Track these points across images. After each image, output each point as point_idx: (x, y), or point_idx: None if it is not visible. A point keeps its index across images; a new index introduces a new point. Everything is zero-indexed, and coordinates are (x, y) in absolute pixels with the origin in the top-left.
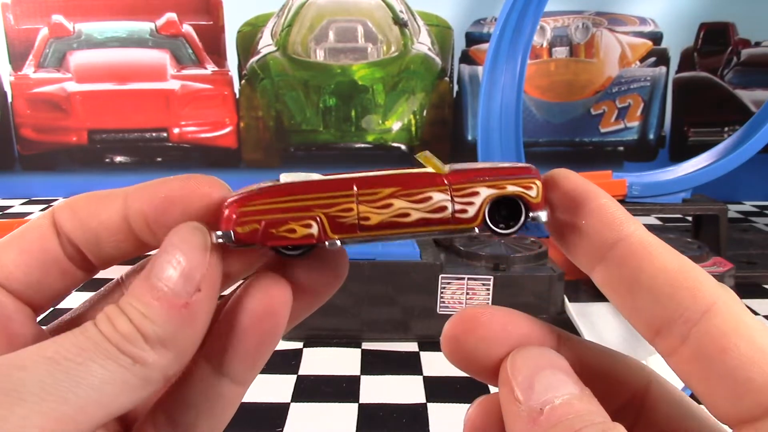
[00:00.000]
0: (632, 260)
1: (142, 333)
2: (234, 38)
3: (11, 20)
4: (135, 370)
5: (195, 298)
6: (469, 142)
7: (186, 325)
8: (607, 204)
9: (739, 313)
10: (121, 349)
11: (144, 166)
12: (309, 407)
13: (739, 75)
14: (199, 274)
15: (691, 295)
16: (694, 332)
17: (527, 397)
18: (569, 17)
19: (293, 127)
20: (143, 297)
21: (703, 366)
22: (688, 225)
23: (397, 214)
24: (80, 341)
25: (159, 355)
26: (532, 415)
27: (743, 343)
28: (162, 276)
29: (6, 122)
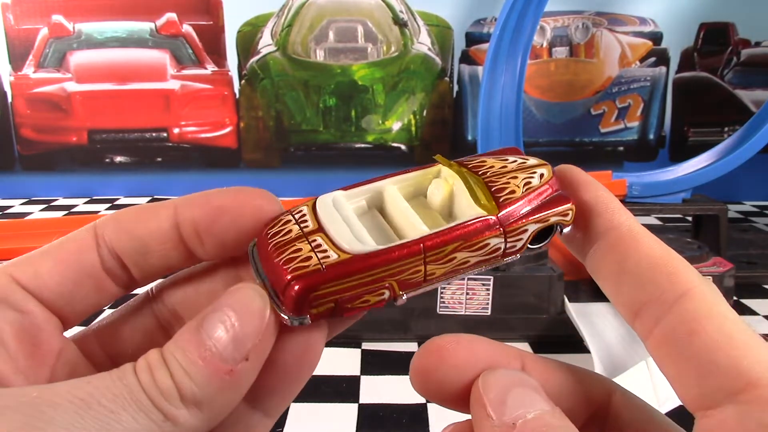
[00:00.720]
0: (620, 246)
1: (180, 391)
2: (234, 38)
3: (11, 20)
4: (165, 426)
5: (241, 366)
6: (469, 142)
7: (226, 391)
8: (603, 195)
9: (712, 299)
10: (156, 403)
11: (144, 166)
12: (309, 407)
13: (739, 75)
14: (250, 344)
15: (669, 279)
16: (667, 315)
17: (500, 413)
18: (569, 17)
19: (293, 127)
20: (189, 352)
21: (673, 348)
22: (688, 225)
23: (459, 263)
24: (116, 387)
25: (191, 415)
26: (504, 430)
27: (711, 327)
28: (212, 335)
29: (6, 122)
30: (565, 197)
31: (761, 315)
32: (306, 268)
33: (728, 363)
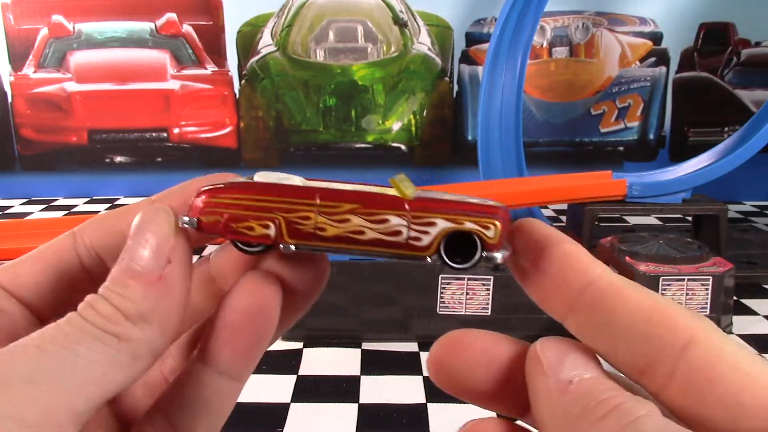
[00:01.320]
0: (604, 304)
1: (123, 312)
2: (234, 38)
3: (11, 20)
4: (121, 347)
5: (167, 270)
6: (469, 142)
7: (163, 297)
8: (571, 249)
9: (719, 341)
10: (105, 329)
11: (144, 166)
12: (309, 407)
13: (739, 75)
14: (167, 248)
15: (669, 330)
16: (679, 367)
17: (557, 371)
18: (569, 17)
19: (293, 127)
20: (119, 279)
21: (694, 399)
22: (688, 225)
23: (352, 230)
24: (64, 328)
25: (142, 330)
26: (561, 385)
27: (729, 370)
28: (134, 257)
29: (6, 122)
30: (496, 210)
31: (761, 315)
32: (214, 186)
33: (755, 403)
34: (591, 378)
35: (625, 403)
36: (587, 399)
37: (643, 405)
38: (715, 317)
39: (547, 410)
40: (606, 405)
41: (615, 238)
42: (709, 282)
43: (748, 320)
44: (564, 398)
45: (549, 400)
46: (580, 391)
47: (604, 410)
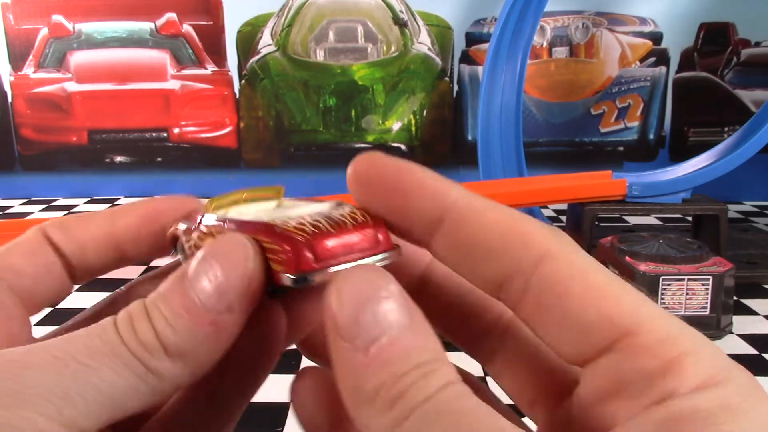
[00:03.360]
0: (462, 224)
1: (163, 343)
2: (234, 38)
3: (11, 20)
4: (147, 378)
5: (224, 317)
6: (469, 142)
7: (209, 341)
8: (422, 177)
9: (572, 255)
10: (138, 356)
11: (144, 166)
12: None
13: (739, 75)
14: (234, 293)
15: (523, 245)
16: (531, 281)
17: (354, 335)
18: (569, 17)
19: (293, 127)
20: (173, 303)
21: (544, 314)
22: (688, 225)
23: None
24: (94, 343)
25: (175, 367)
26: (357, 357)
27: (577, 285)
28: (196, 285)
29: (6, 122)
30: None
31: (761, 315)
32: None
33: (600, 318)
34: (390, 342)
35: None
36: (379, 379)
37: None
38: (714, 317)
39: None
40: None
41: (615, 238)
42: (709, 282)
43: (748, 320)
44: (359, 376)
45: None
46: (377, 365)
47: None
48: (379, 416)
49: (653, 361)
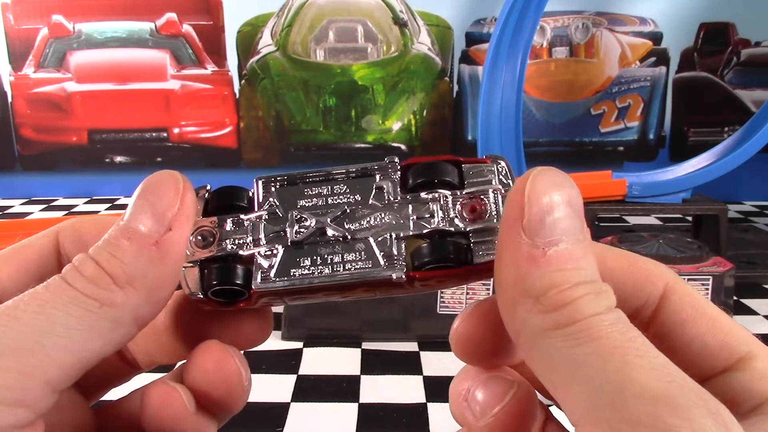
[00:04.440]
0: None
1: (110, 273)
2: (234, 38)
3: (11, 20)
4: (102, 312)
5: (167, 236)
6: (469, 142)
7: (156, 262)
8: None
9: (686, 288)
10: (86, 293)
11: (144, 166)
12: (309, 407)
13: (739, 75)
14: (170, 213)
15: (649, 281)
16: (657, 313)
17: (534, 233)
18: (569, 17)
19: (293, 127)
20: (114, 238)
21: (667, 340)
22: (688, 225)
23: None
24: (41, 293)
25: (127, 294)
26: (533, 254)
27: (698, 316)
28: (133, 217)
29: (6, 122)
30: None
31: (761, 315)
32: None
33: (721, 343)
34: (565, 251)
35: (585, 296)
36: (552, 281)
37: (603, 300)
38: None
39: (509, 276)
40: (567, 295)
41: (615, 238)
42: (709, 282)
43: (748, 320)
44: (530, 269)
45: (515, 266)
46: (550, 268)
47: (564, 300)
48: (539, 314)
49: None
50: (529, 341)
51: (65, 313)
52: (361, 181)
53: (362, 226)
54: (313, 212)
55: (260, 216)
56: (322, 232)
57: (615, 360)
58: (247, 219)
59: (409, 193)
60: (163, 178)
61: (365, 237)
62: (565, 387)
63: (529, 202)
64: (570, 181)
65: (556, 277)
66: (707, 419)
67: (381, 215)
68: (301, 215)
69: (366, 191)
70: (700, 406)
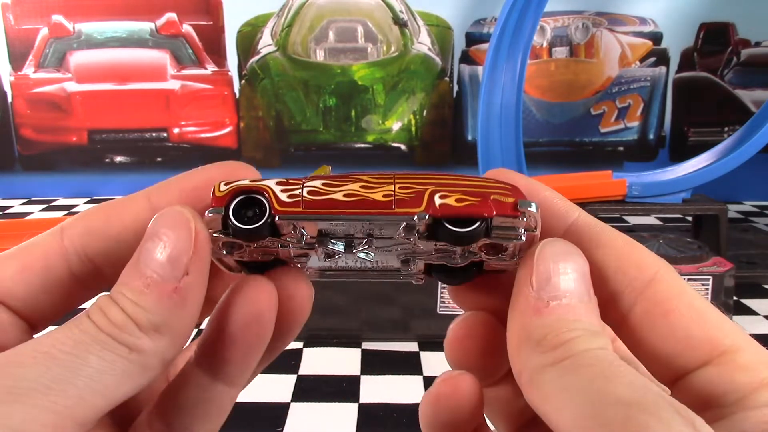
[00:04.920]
0: (580, 242)
1: (136, 321)
2: (234, 38)
3: (11, 20)
4: (132, 357)
5: (184, 282)
6: (469, 142)
7: (178, 308)
8: (550, 195)
9: (678, 280)
10: (117, 338)
11: (144, 166)
12: (309, 407)
13: (739, 75)
14: (186, 258)
15: (637, 267)
16: (639, 301)
17: (540, 287)
18: (569, 17)
19: (293, 127)
20: (133, 285)
21: (649, 329)
22: (688, 225)
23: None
24: (75, 334)
25: (154, 341)
26: (538, 304)
27: (684, 307)
28: (149, 263)
29: (6, 122)
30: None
31: (761, 315)
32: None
33: (704, 335)
34: (568, 305)
35: (578, 338)
36: (551, 328)
37: (595, 340)
38: None
39: (517, 321)
40: (561, 338)
41: None
42: (709, 282)
43: (748, 320)
44: (535, 318)
45: (522, 313)
46: (551, 319)
47: (556, 342)
48: (539, 355)
49: (751, 376)
50: (529, 378)
51: (98, 357)
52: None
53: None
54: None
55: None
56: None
57: (598, 381)
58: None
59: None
60: (174, 220)
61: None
62: (556, 413)
63: (537, 262)
64: (577, 250)
65: (556, 324)
66: (675, 416)
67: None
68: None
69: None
70: (669, 408)
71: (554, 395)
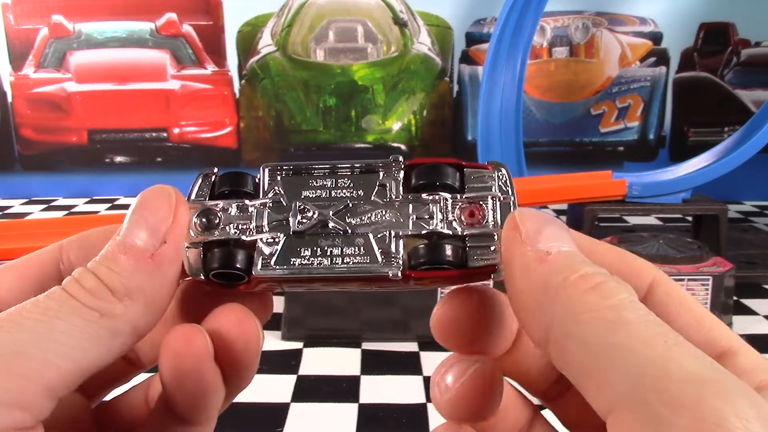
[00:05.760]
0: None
1: (109, 286)
2: (234, 38)
3: (11, 20)
4: (102, 322)
5: (161, 249)
6: (469, 142)
7: (153, 275)
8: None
9: (671, 284)
10: (87, 304)
11: (144, 166)
12: (309, 407)
13: (739, 75)
14: (164, 227)
15: (635, 276)
16: None
17: (535, 241)
18: (569, 17)
19: (293, 127)
20: (110, 254)
21: None
22: (688, 225)
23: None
24: (44, 302)
25: (126, 306)
26: (540, 255)
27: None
28: (129, 232)
29: (6, 122)
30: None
31: (761, 315)
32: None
33: (704, 337)
34: (569, 251)
35: (607, 282)
36: (567, 271)
37: (624, 287)
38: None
39: (524, 280)
40: (588, 280)
41: (615, 238)
42: (709, 282)
43: (748, 320)
44: (543, 267)
45: (527, 270)
46: (560, 262)
47: (587, 285)
48: (569, 301)
49: (749, 379)
50: (563, 330)
51: (67, 322)
52: (365, 177)
53: (363, 221)
54: (317, 204)
55: (264, 203)
56: (324, 224)
57: (657, 345)
58: (252, 205)
59: (411, 192)
60: (156, 192)
61: (365, 232)
62: (601, 373)
63: (522, 221)
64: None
65: (573, 264)
66: (751, 410)
67: (382, 212)
68: (304, 206)
69: (369, 187)
70: (744, 394)
71: (601, 353)
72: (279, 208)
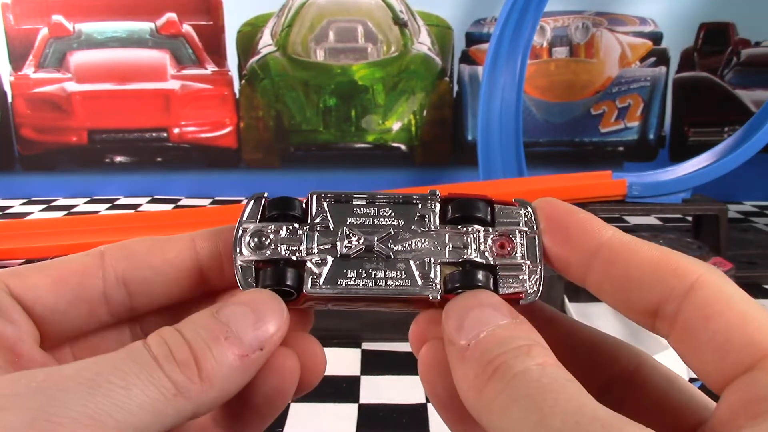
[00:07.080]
0: (617, 260)
1: (199, 363)
2: (234, 38)
3: (11, 20)
4: (175, 401)
5: (256, 354)
6: (469, 142)
7: (238, 373)
8: (583, 217)
9: (720, 283)
10: (170, 376)
11: (144, 166)
12: (309, 407)
13: (739, 75)
14: (266, 338)
15: (675, 275)
16: (682, 307)
17: (457, 337)
18: (569, 17)
19: (293, 127)
20: (212, 330)
21: (692, 337)
22: (688, 225)
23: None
24: (125, 364)
25: (203, 391)
26: (461, 352)
27: (725, 309)
28: (237, 320)
29: (6, 122)
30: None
31: None
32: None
33: (744, 339)
34: (486, 336)
35: (508, 360)
36: (481, 361)
37: (529, 357)
38: None
39: (457, 382)
40: (492, 365)
41: None
42: None
43: None
44: (464, 366)
45: (455, 372)
46: (475, 355)
47: (489, 373)
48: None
49: None
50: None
51: (143, 392)
52: (404, 207)
53: (404, 248)
54: (361, 230)
55: (314, 227)
56: (369, 249)
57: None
58: (301, 229)
59: (448, 224)
60: (274, 304)
61: (406, 258)
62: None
63: (446, 319)
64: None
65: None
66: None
67: (421, 240)
68: (350, 231)
69: (409, 217)
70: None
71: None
72: (327, 233)
